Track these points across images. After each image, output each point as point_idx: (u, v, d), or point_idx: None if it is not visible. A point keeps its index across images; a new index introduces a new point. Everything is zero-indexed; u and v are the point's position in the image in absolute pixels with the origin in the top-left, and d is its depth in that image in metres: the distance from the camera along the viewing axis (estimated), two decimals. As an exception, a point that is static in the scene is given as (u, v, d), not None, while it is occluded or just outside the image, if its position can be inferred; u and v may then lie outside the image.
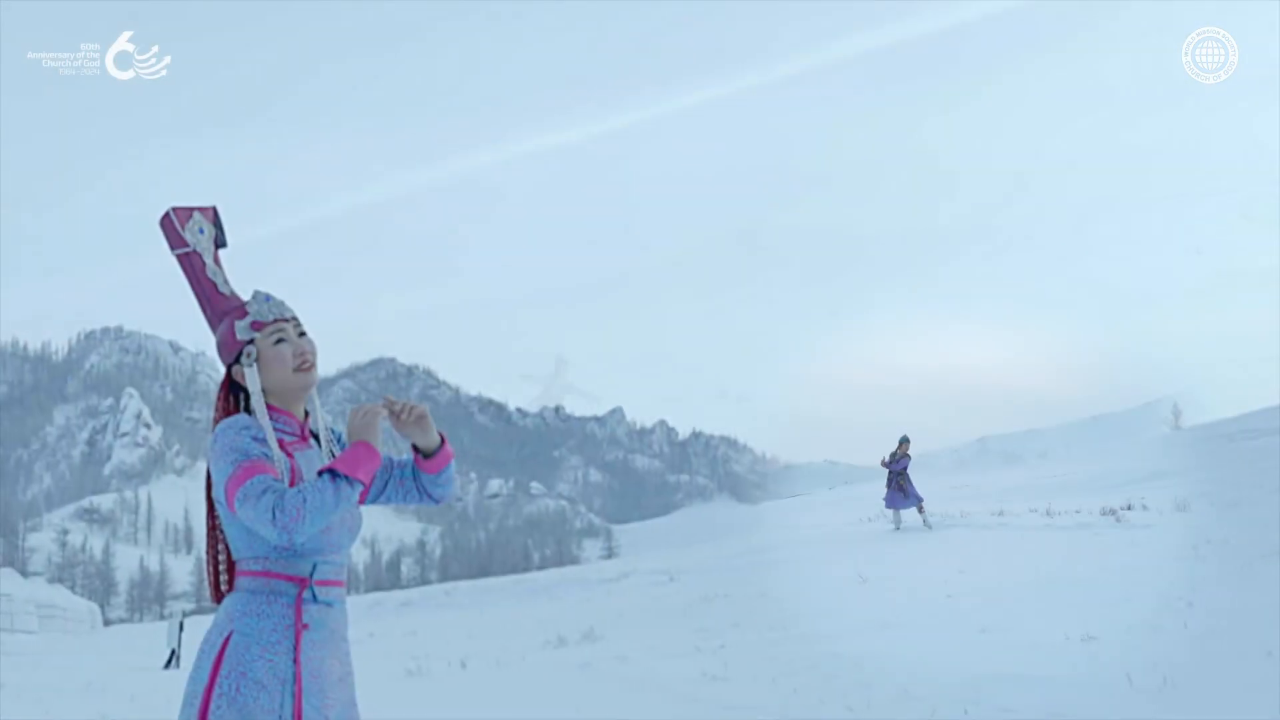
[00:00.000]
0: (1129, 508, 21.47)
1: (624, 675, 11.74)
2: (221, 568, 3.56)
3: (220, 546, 3.56)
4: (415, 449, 3.72)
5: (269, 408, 3.48)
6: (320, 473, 3.24)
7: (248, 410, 3.51)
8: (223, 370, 3.58)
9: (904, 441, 23.73)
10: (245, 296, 3.60)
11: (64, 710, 12.72)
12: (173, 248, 3.61)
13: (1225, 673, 8.17)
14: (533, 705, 10.51)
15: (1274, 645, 8.50)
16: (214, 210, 3.69)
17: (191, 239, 3.60)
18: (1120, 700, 7.66)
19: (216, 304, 3.60)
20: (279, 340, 3.49)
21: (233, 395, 3.55)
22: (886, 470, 23.67)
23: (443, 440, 3.71)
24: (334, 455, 3.62)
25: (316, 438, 3.64)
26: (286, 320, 3.53)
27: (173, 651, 22.14)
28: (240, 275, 3.71)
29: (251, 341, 3.49)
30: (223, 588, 3.54)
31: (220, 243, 3.69)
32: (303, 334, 3.55)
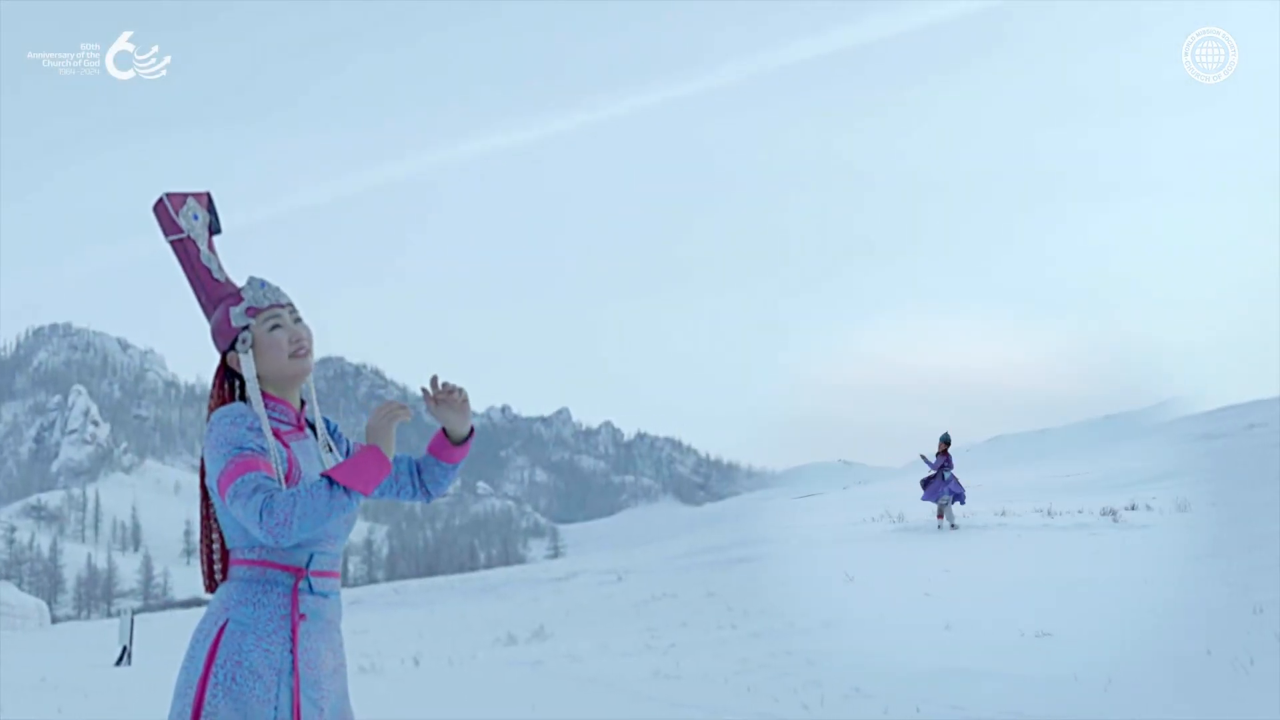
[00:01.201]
0: (1133, 508, 21.68)
1: (576, 674, 11.79)
2: (215, 556, 3.48)
3: (214, 535, 3.48)
4: (444, 434, 3.69)
5: (264, 395, 3.42)
6: (322, 475, 3.17)
7: (243, 398, 3.45)
8: (218, 357, 3.50)
9: (945, 440, 23.54)
10: (239, 282, 3.54)
11: (19, 706, 12.65)
12: (166, 234, 3.55)
13: (1165, 672, 8.37)
14: (488, 703, 10.52)
15: (1214, 644, 8.73)
16: (208, 196, 3.63)
17: (185, 225, 3.54)
18: (1065, 697, 7.84)
19: (211, 290, 3.52)
20: (274, 326, 3.43)
21: (228, 383, 3.49)
22: (930, 468, 23.40)
23: (471, 430, 3.69)
24: (330, 446, 3.58)
25: (313, 427, 3.58)
26: (282, 306, 3.47)
27: (124, 648, 21.98)
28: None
29: (247, 328, 3.42)
30: (216, 577, 3.46)
31: (214, 229, 3.63)
32: (298, 320, 3.49)
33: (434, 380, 3.61)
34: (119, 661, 21.46)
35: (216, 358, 3.52)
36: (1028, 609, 11.60)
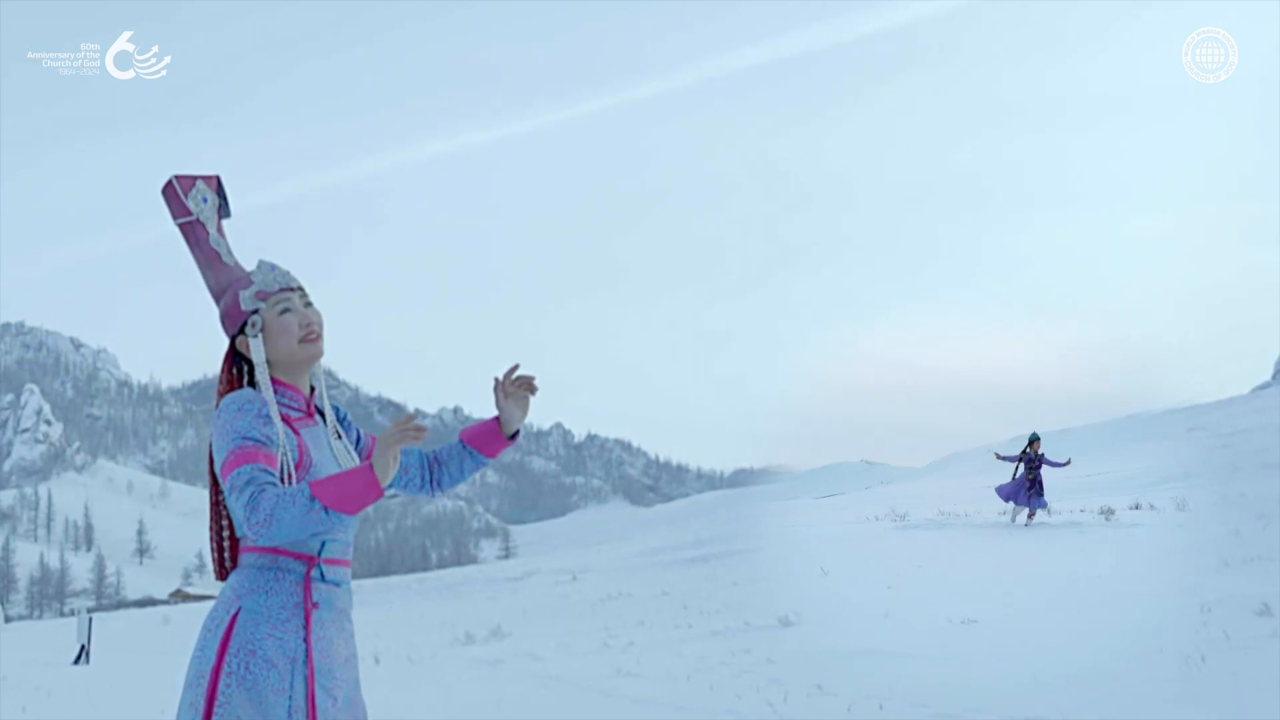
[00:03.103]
0: (1137, 507, 21.82)
1: (537, 672, 11.81)
2: (226, 544, 3.40)
3: (224, 522, 3.38)
4: (496, 426, 3.65)
5: (274, 381, 3.35)
6: (308, 485, 3.07)
7: (252, 383, 3.38)
8: (226, 342, 3.42)
9: (1035, 439, 23.40)
10: (249, 266, 3.48)
11: (-20, 705, 12.68)
12: (175, 217, 3.49)
13: (1119, 669, 8.54)
14: (451, 701, 10.47)
15: (1165, 643, 8.92)
16: (217, 179, 3.57)
17: (194, 207, 3.48)
18: (1027, 695, 7.97)
19: (220, 274, 3.46)
20: (284, 310, 3.36)
21: (236, 368, 3.41)
22: (1019, 465, 23.28)
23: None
24: (339, 434, 3.52)
25: (322, 414, 3.51)
26: (292, 290, 3.40)
27: (82, 647, 21.88)
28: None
29: (256, 311, 3.35)
30: (227, 564, 3.38)
31: (224, 212, 3.57)
32: (309, 304, 3.41)
33: (511, 370, 3.59)
34: (77, 660, 21.37)
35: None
36: (970, 602, 11.91)
